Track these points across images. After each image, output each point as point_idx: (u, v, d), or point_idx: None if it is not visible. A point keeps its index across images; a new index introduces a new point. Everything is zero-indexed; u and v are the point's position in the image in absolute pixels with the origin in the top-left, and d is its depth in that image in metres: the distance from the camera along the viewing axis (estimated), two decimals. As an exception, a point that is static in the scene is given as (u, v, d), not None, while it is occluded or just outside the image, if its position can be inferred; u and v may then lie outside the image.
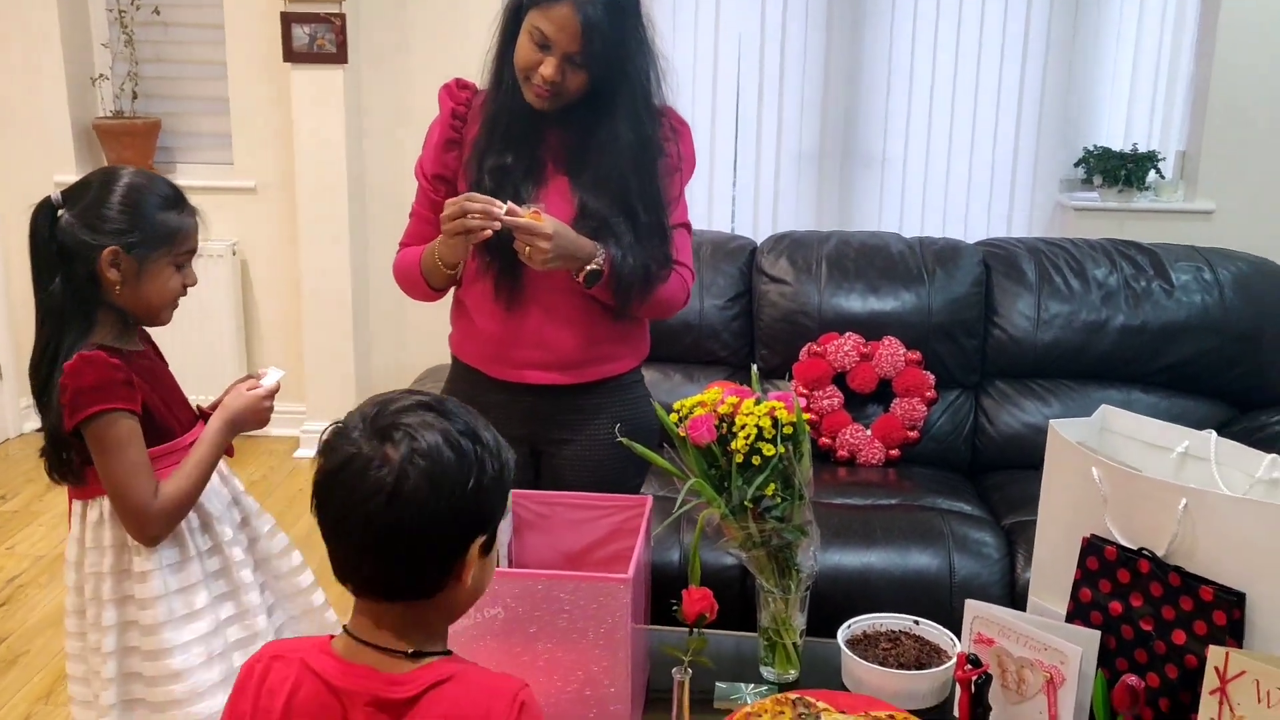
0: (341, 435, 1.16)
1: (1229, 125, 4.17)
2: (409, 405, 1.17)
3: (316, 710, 1.18)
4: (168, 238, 1.81)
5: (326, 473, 1.15)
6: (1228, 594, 1.64)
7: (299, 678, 1.19)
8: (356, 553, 1.15)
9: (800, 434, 1.83)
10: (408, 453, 1.13)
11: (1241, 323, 3.03)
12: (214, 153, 4.48)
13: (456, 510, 1.15)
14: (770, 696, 1.84)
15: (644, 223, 2.01)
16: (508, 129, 2.01)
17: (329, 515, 1.16)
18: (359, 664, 1.18)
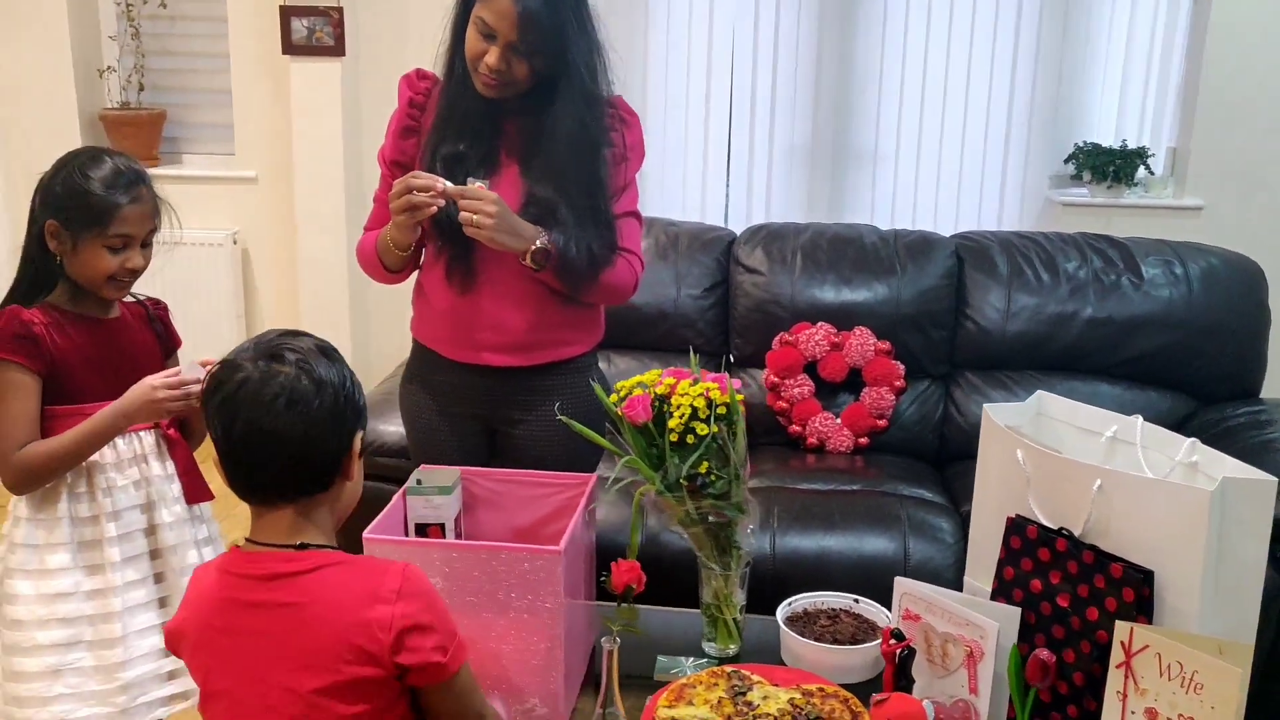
0: (232, 366, 1.35)
1: (1219, 122, 4.18)
2: (284, 333, 1.40)
3: (227, 589, 1.37)
4: (98, 219, 1.90)
5: (226, 396, 1.33)
6: (1136, 571, 1.69)
7: (213, 574, 1.41)
8: (260, 461, 1.34)
9: (735, 415, 1.90)
10: (294, 364, 1.34)
11: (1207, 317, 3.06)
12: (217, 144, 4.58)
13: (341, 407, 1.37)
14: (707, 669, 1.91)
15: (586, 209, 2.07)
16: (461, 118, 2.09)
17: (234, 433, 1.33)
18: (259, 553, 1.37)
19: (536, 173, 2.08)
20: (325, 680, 1.33)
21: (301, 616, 1.34)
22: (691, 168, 4.47)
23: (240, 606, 1.35)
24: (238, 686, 1.36)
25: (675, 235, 3.32)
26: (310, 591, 1.35)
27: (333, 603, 1.35)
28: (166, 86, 4.56)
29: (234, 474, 1.36)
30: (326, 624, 1.34)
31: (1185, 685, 1.58)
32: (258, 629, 1.34)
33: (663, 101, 4.39)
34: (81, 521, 1.96)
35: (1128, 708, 1.64)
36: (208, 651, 1.38)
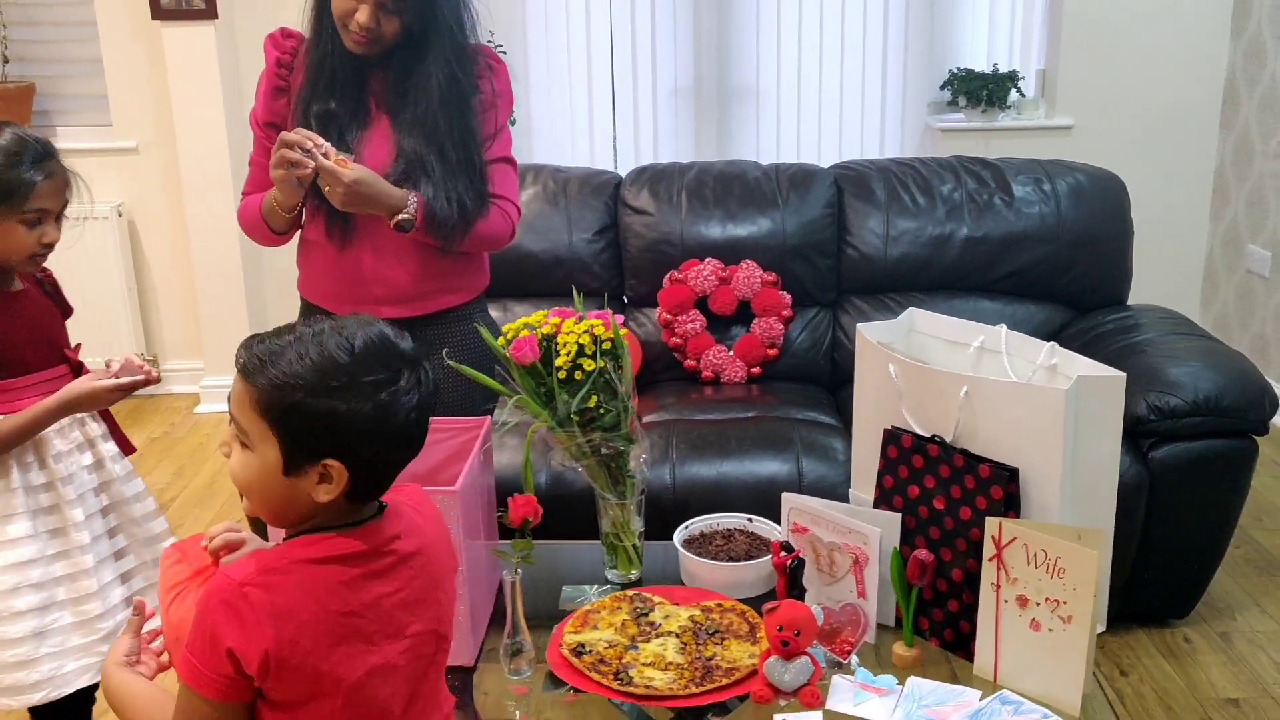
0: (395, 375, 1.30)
1: (1084, 44, 4.33)
2: (395, 335, 1.34)
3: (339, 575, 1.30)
4: (10, 194, 1.87)
5: (380, 408, 1.27)
6: (1002, 469, 1.80)
7: (306, 569, 1.28)
8: (401, 461, 1.34)
9: (619, 349, 1.96)
10: (425, 372, 1.33)
11: (1075, 230, 3.19)
12: (92, 114, 4.47)
13: None
14: (610, 595, 1.98)
15: (456, 160, 2.10)
16: (331, 75, 2.10)
17: (390, 440, 1.29)
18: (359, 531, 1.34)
19: (406, 126, 2.11)
20: (438, 612, 1.40)
21: (420, 560, 1.37)
22: (578, 113, 4.50)
23: (367, 580, 1.31)
24: (396, 653, 1.33)
25: (564, 181, 3.36)
26: (418, 538, 1.37)
27: (437, 536, 1.42)
28: (33, 58, 4.43)
29: (389, 469, 1.33)
30: (438, 555, 1.41)
31: (1050, 571, 1.70)
32: (387, 594, 1.32)
33: (544, 48, 4.40)
34: (35, 489, 1.97)
35: (1000, 596, 1.76)
36: (340, 642, 1.29)
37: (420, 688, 1.38)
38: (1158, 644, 2.81)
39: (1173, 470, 2.63)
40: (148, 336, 4.58)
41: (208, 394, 4.47)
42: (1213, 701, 2.60)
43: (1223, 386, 2.62)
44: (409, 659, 1.35)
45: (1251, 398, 2.62)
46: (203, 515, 3.58)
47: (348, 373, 1.25)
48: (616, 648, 1.83)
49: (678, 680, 1.76)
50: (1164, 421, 2.62)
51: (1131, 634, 2.83)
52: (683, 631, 1.87)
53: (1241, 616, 2.91)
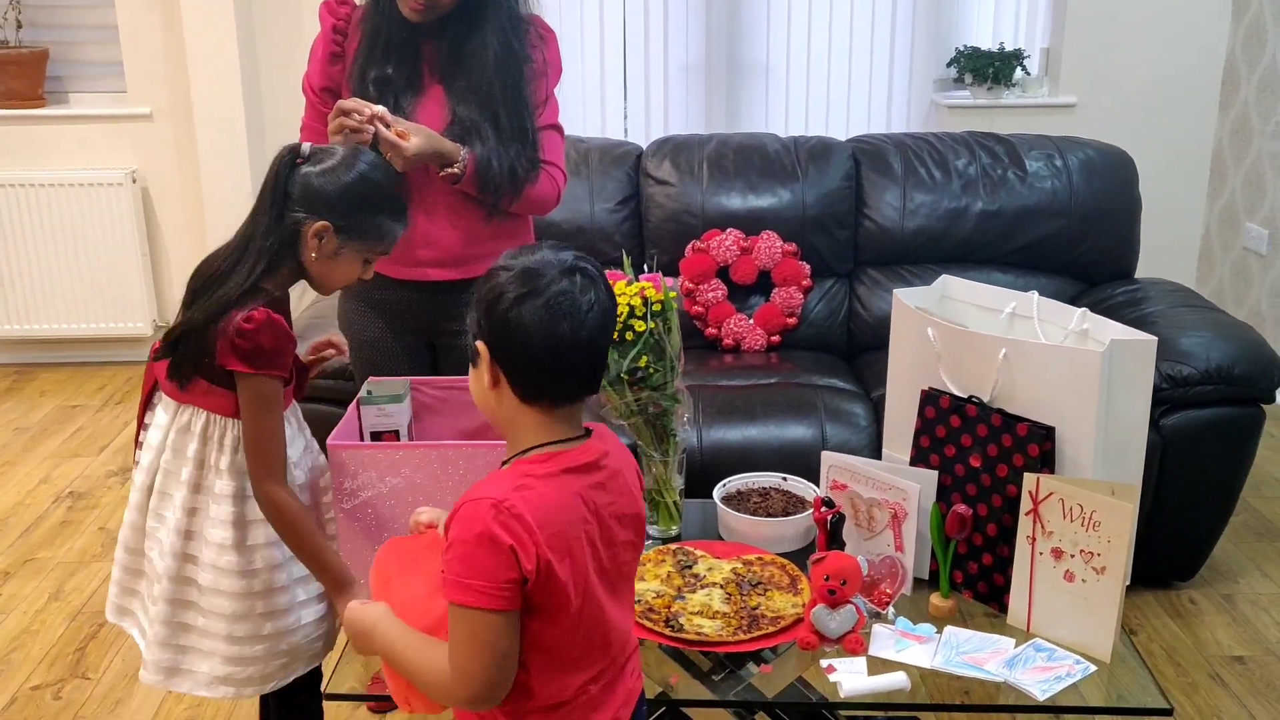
0: (535, 276, 1.37)
1: (1088, 22, 4.40)
2: (557, 249, 1.43)
3: (573, 485, 1.40)
4: (372, 236, 1.85)
5: (542, 306, 1.35)
6: (1039, 428, 1.88)
7: (540, 482, 1.38)
8: (577, 364, 1.40)
9: (669, 311, 2.03)
10: (598, 279, 1.42)
11: (1086, 204, 3.28)
12: (106, 81, 4.48)
13: None
14: (654, 549, 2.06)
15: (509, 127, 2.16)
16: (387, 42, 2.15)
17: (559, 339, 1.36)
18: (577, 446, 1.43)
19: (460, 93, 2.16)
20: (633, 528, 1.49)
21: (623, 479, 1.47)
22: (589, 87, 4.54)
23: (594, 490, 1.41)
24: (598, 560, 1.42)
25: (585, 151, 3.41)
26: (616, 457, 1.47)
27: (626, 462, 1.50)
28: (47, 24, 4.43)
29: (540, 380, 1.39)
30: (631, 478, 1.50)
31: (1085, 524, 1.78)
32: (606, 502, 1.43)
33: (557, 22, 4.44)
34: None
35: (1036, 549, 1.84)
36: (582, 547, 1.39)
37: (623, 593, 1.49)
38: (1164, 605, 2.91)
39: (1183, 436, 2.72)
40: (160, 304, 4.60)
41: (220, 361, 4.50)
42: (1219, 659, 2.70)
43: (1234, 356, 2.71)
44: (615, 564, 1.46)
45: (1261, 366, 2.71)
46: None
47: (500, 263, 1.41)
48: (664, 598, 1.90)
49: (726, 628, 1.84)
50: (1177, 389, 2.71)
51: (1139, 595, 2.93)
52: (726, 583, 1.95)
53: (1244, 580, 3.02)
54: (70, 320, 4.50)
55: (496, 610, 1.32)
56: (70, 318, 4.50)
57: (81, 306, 4.49)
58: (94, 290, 4.48)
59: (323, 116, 2.20)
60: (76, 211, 4.37)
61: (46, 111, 4.40)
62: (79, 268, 4.45)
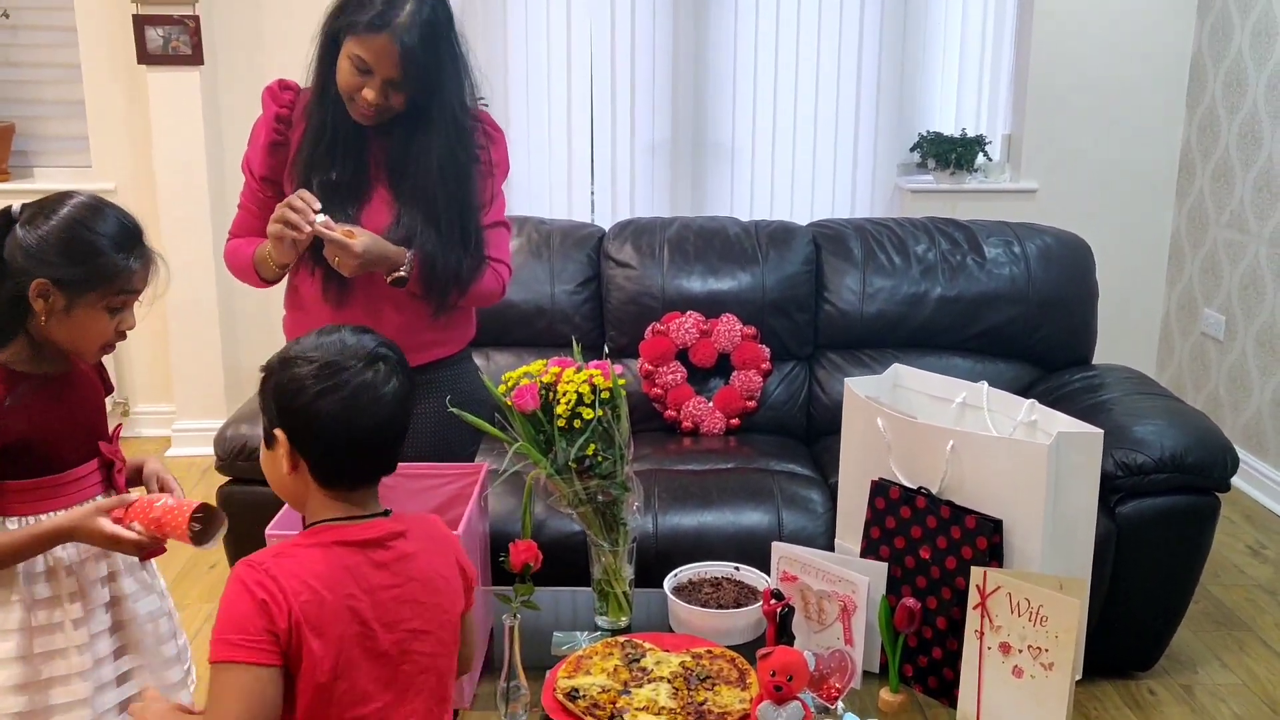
0: (335, 370, 1.42)
1: (1049, 109, 4.49)
2: (355, 334, 1.49)
3: (348, 558, 1.43)
4: (108, 279, 1.69)
5: (343, 401, 1.41)
6: (987, 521, 1.87)
7: (318, 551, 1.42)
8: (377, 451, 1.47)
9: (617, 398, 2.01)
10: (396, 365, 1.48)
11: (1044, 291, 3.30)
12: (71, 156, 4.48)
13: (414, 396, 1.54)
14: (601, 641, 2.02)
15: (456, 229, 2.14)
16: (332, 142, 2.12)
17: (358, 432, 1.42)
18: (364, 524, 1.47)
19: (406, 196, 2.13)
20: (436, 619, 1.49)
21: (420, 564, 1.48)
22: (556, 167, 4.58)
23: (370, 568, 1.43)
24: (372, 641, 1.43)
25: (547, 233, 3.42)
26: (420, 541, 1.50)
27: (436, 546, 1.52)
28: (13, 99, 4.44)
29: (343, 467, 1.45)
30: (439, 564, 1.51)
31: (1033, 619, 1.76)
32: (387, 585, 1.44)
33: (525, 103, 4.49)
34: (39, 604, 1.77)
35: (984, 644, 1.82)
36: (346, 621, 1.40)
37: (409, 688, 1.47)
38: (1123, 695, 2.88)
39: (1139, 525, 2.72)
40: (120, 378, 4.56)
41: (179, 437, 4.46)
42: (1178, 752, 2.67)
43: (1187, 444, 2.71)
44: (399, 651, 1.45)
45: (1215, 455, 2.71)
46: (180, 553, 3.56)
47: (298, 352, 1.45)
48: (610, 693, 1.86)
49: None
50: (1131, 478, 2.71)
51: (1097, 685, 2.90)
52: (674, 677, 1.91)
53: (1203, 670, 2.99)
54: (27, 394, 4.43)
55: (252, 664, 1.34)
56: (27, 392, 4.43)
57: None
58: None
59: (260, 200, 2.20)
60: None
61: (10, 186, 4.38)
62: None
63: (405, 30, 2.00)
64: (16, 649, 1.74)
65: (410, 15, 2.00)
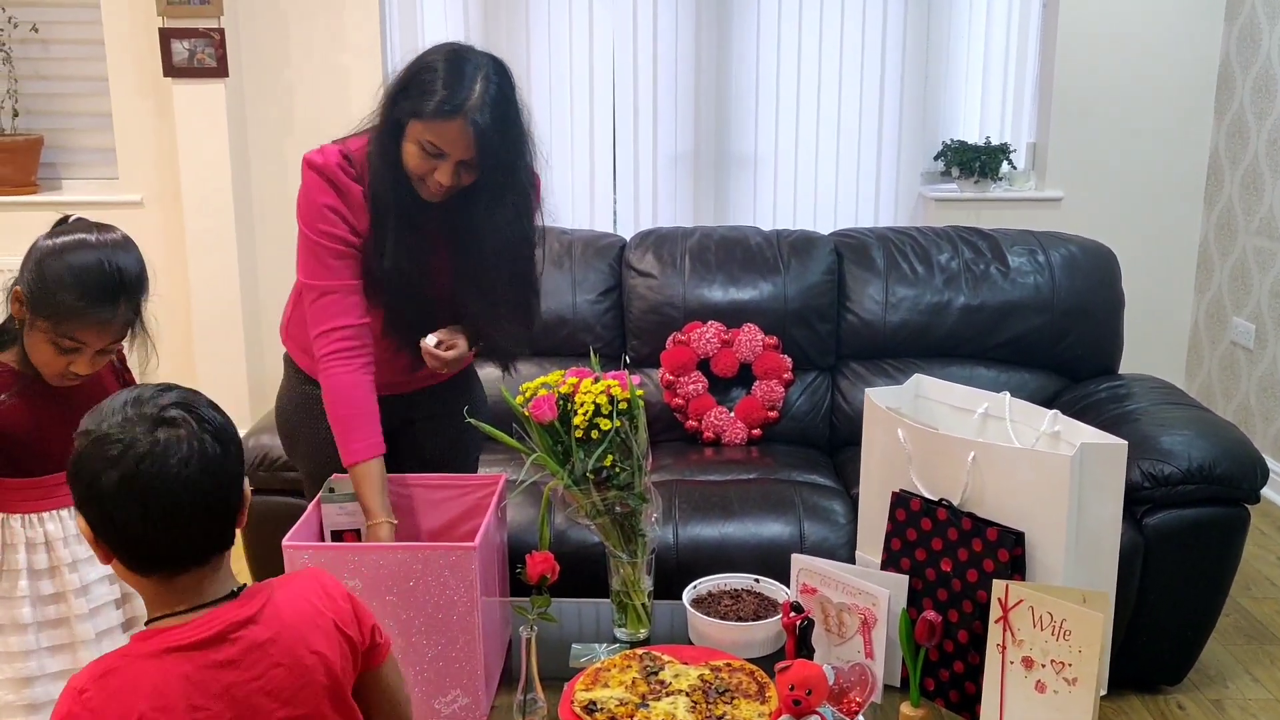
0: (113, 440, 1.23)
1: (1073, 118, 4.45)
2: (152, 395, 1.28)
3: (188, 664, 1.25)
4: (54, 313, 1.68)
5: (127, 476, 1.21)
6: (1009, 533, 1.85)
7: (151, 663, 1.25)
8: (183, 527, 1.25)
9: (635, 409, 2.00)
10: (194, 426, 1.26)
11: (1069, 300, 3.27)
12: (98, 168, 4.52)
13: (239, 459, 1.32)
14: (620, 653, 2.01)
15: (513, 308, 2.12)
16: (399, 224, 2.01)
17: (151, 507, 1.22)
18: (202, 616, 1.28)
19: (466, 274, 2.07)
20: (309, 701, 1.32)
21: (280, 647, 1.31)
22: (579, 177, 4.58)
23: (213, 670, 1.26)
24: None
25: (569, 243, 3.42)
26: (277, 619, 1.32)
27: (301, 620, 1.33)
28: (43, 111, 4.48)
29: (148, 552, 1.26)
30: (305, 641, 1.33)
31: (1056, 633, 1.74)
32: (241, 681, 1.28)
33: (548, 114, 4.49)
34: (44, 600, 1.81)
35: (1006, 658, 1.80)
36: None
37: None
38: (1152, 710, 2.84)
39: (1167, 537, 2.68)
40: (145, 388, 4.59)
41: (203, 447, 4.47)
42: (1208, 768, 2.63)
43: (1215, 455, 2.68)
44: None
45: (1244, 466, 2.68)
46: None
47: (85, 426, 1.26)
48: (628, 706, 1.85)
49: (689, 738, 1.78)
50: (1158, 489, 2.67)
51: (1125, 700, 2.86)
52: (693, 690, 1.89)
53: (1234, 684, 2.94)
54: (54, 405, 4.47)
55: None
56: (54, 402, 4.47)
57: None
58: (79, 375, 4.46)
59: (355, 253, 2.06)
60: (65, 296, 4.37)
61: (38, 198, 4.43)
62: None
63: (478, 111, 1.89)
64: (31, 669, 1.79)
65: (480, 96, 1.90)
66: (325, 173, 2.01)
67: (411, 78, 1.94)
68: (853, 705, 1.88)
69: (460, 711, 1.88)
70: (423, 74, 1.93)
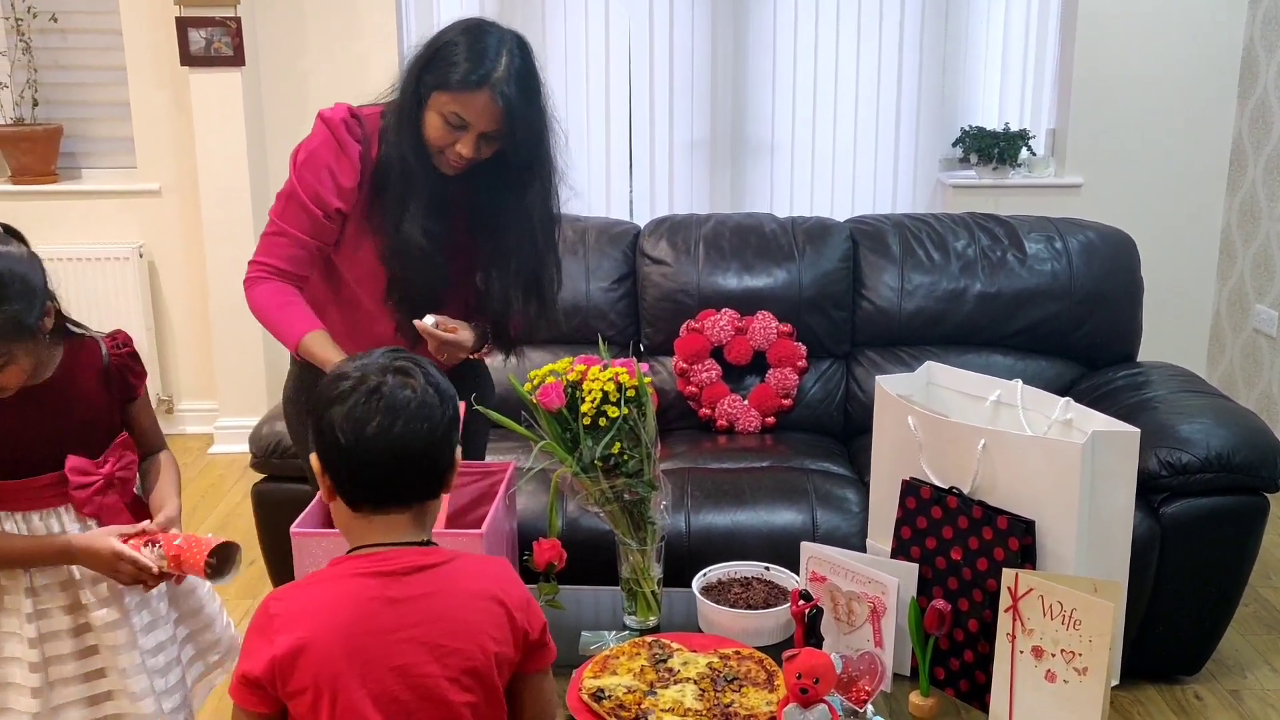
0: (357, 378, 1.38)
1: (1095, 103, 4.40)
2: (386, 351, 1.45)
3: (365, 591, 1.36)
4: None
5: (356, 405, 1.35)
6: (1019, 522, 1.83)
7: (334, 580, 1.38)
8: (393, 469, 1.37)
9: (643, 397, 1.99)
10: (421, 379, 1.40)
11: (1086, 287, 3.24)
12: (117, 157, 4.54)
13: (454, 418, 1.44)
14: (629, 641, 2.01)
15: (534, 292, 2.14)
16: (421, 198, 2.01)
17: (367, 441, 1.35)
18: (392, 551, 1.39)
19: (489, 255, 2.08)
20: (457, 665, 1.38)
21: (444, 604, 1.39)
22: (595, 164, 4.57)
23: (383, 604, 1.36)
24: (380, 685, 1.35)
25: (583, 230, 3.41)
26: (451, 579, 1.40)
27: (475, 590, 1.41)
28: (62, 101, 4.51)
29: (360, 480, 1.38)
30: (471, 608, 1.40)
31: (1066, 622, 1.72)
32: (403, 623, 1.36)
33: (564, 100, 4.48)
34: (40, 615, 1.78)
35: (1016, 647, 1.78)
36: (345, 658, 1.34)
37: None
38: (1168, 700, 2.81)
39: (1184, 526, 2.65)
40: (163, 376, 4.62)
41: (221, 435, 4.50)
42: (1224, 759, 2.61)
43: (1234, 443, 2.64)
44: (421, 701, 1.36)
45: (1263, 455, 2.64)
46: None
47: (332, 373, 1.42)
48: (635, 693, 1.85)
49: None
50: (1176, 477, 2.64)
51: (1141, 690, 2.84)
52: (701, 678, 1.89)
53: (1252, 674, 2.92)
54: (74, 392, 4.50)
55: (240, 709, 1.36)
56: (74, 390, 4.50)
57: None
58: (99, 362, 4.49)
59: (324, 232, 2.08)
60: (85, 285, 4.40)
61: (58, 187, 4.46)
62: (85, 340, 4.46)
63: (505, 83, 1.91)
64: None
65: (506, 68, 1.92)
66: (330, 125, 2.04)
67: (435, 50, 1.96)
68: (862, 694, 1.87)
69: (468, 698, 1.88)
70: (447, 47, 1.95)
